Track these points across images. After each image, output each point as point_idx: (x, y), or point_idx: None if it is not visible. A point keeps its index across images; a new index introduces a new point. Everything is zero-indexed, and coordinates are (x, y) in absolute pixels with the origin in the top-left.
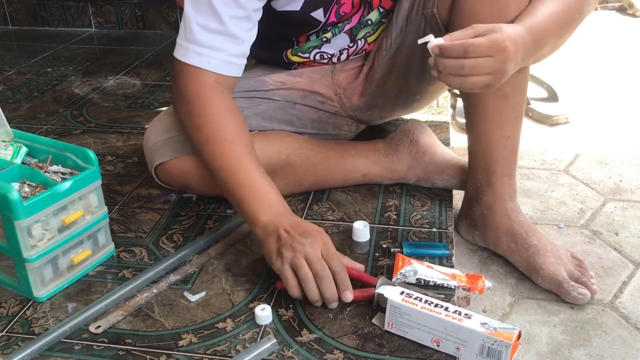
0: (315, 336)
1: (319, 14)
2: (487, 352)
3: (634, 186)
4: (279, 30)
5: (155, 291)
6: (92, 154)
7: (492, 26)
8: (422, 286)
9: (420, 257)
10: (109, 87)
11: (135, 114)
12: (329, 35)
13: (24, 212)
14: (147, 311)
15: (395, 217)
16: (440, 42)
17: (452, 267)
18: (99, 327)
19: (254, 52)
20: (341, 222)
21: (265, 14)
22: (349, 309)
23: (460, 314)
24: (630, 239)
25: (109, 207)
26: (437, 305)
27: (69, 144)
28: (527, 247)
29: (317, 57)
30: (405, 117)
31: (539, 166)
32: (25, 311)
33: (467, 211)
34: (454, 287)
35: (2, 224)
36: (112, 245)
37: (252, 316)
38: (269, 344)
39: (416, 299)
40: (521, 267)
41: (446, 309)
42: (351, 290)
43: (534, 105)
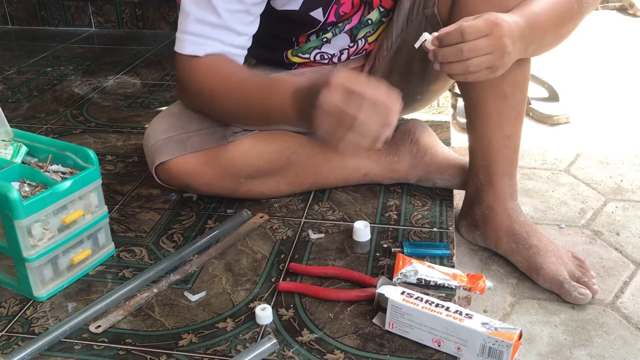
0: (315, 336)
1: (318, 14)
2: (488, 352)
3: (635, 186)
4: (279, 30)
5: (155, 291)
6: (92, 154)
7: (482, 14)
8: (422, 286)
9: (421, 257)
10: (109, 87)
11: (135, 114)
12: (329, 35)
13: (24, 212)
14: (147, 311)
15: (396, 216)
16: (435, 34)
17: (453, 267)
18: (99, 326)
19: (255, 52)
20: (342, 222)
21: (265, 13)
22: (349, 309)
23: (461, 313)
24: (631, 239)
25: (109, 207)
26: (438, 305)
27: (69, 144)
28: (528, 247)
29: (318, 57)
30: (406, 116)
31: (539, 166)
32: (25, 311)
33: (467, 211)
34: (454, 287)
35: (2, 223)
36: (112, 244)
37: (252, 316)
38: (269, 344)
39: (417, 298)
40: (522, 267)
41: (447, 308)
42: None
43: (535, 105)
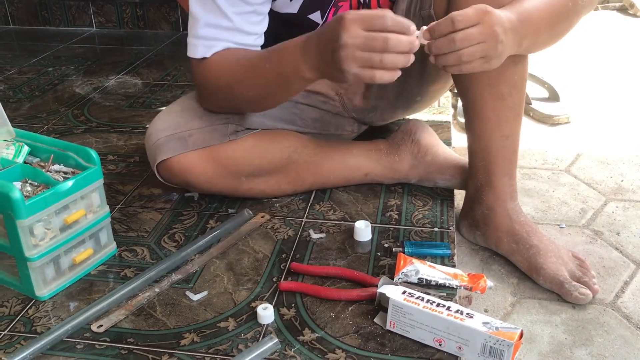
0: (317, 335)
1: (316, 17)
2: (489, 351)
3: (636, 186)
4: (279, 31)
5: (157, 290)
6: (94, 153)
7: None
8: (423, 286)
9: (422, 257)
10: (110, 87)
11: (136, 114)
12: None
13: (26, 211)
14: (149, 310)
15: (396, 216)
16: (425, 27)
17: (454, 266)
18: (101, 326)
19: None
20: (343, 222)
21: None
22: (350, 309)
23: (462, 313)
24: (631, 238)
25: (110, 207)
26: (439, 304)
27: (70, 143)
28: (528, 247)
29: None
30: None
31: (540, 166)
32: (27, 310)
33: (468, 211)
34: (455, 287)
35: (4, 223)
36: (114, 244)
37: (254, 315)
38: (270, 343)
39: (418, 298)
40: (522, 267)
41: (448, 308)
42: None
43: (535, 105)
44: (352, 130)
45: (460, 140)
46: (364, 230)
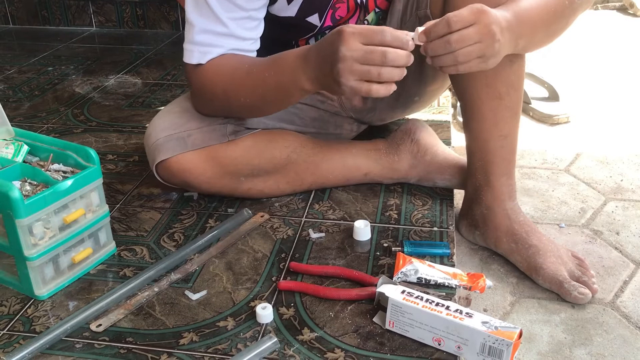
0: (316, 335)
1: (314, 19)
2: (488, 350)
3: (635, 185)
4: (278, 34)
5: (156, 290)
6: (93, 153)
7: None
8: (423, 285)
9: (421, 256)
10: (109, 86)
11: (136, 113)
12: None
13: (25, 211)
14: (148, 310)
15: (396, 216)
16: (421, 29)
17: (453, 266)
18: (100, 325)
19: (257, 53)
20: (342, 221)
21: (265, 17)
22: (350, 308)
23: (461, 312)
24: (631, 238)
25: (110, 206)
26: (438, 304)
27: (70, 143)
28: (527, 247)
29: None
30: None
31: (539, 165)
32: (26, 310)
33: (467, 211)
34: (455, 286)
35: (3, 222)
36: (113, 243)
37: (253, 315)
38: (269, 343)
39: (417, 297)
40: (522, 267)
41: (447, 307)
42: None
43: (535, 104)
44: (351, 129)
45: (459, 139)
46: (363, 229)
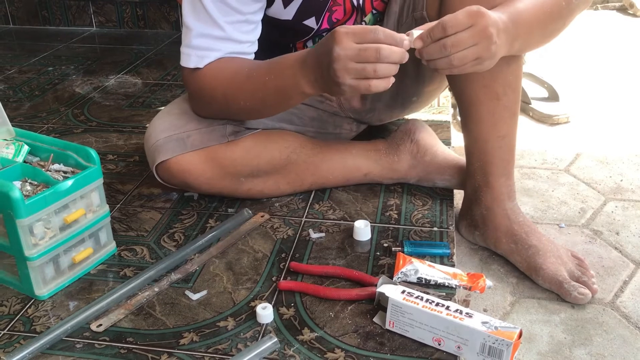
0: (316, 335)
1: (311, 22)
2: (488, 351)
3: (635, 186)
4: (275, 36)
5: (156, 290)
6: (93, 153)
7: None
8: (423, 285)
9: (421, 256)
10: (110, 86)
11: (136, 113)
12: None
13: (25, 211)
14: (148, 310)
15: (396, 216)
16: (418, 33)
17: (453, 266)
18: (101, 325)
19: (256, 56)
20: (342, 221)
21: (262, 20)
22: (350, 308)
23: (461, 312)
24: (630, 238)
25: (110, 206)
26: (438, 304)
27: (70, 143)
28: (527, 247)
29: None
30: (406, 116)
31: (539, 165)
32: (26, 309)
33: (467, 211)
34: (455, 286)
35: (3, 222)
36: (114, 243)
37: (253, 315)
38: (270, 343)
39: (417, 297)
40: (522, 267)
41: (447, 307)
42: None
43: (535, 104)
44: (350, 129)
45: (459, 139)
46: (363, 229)
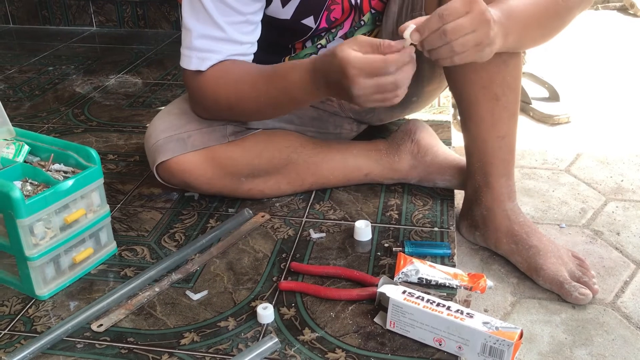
0: (317, 335)
1: (309, 21)
2: (489, 351)
3: (636, 186)
4: (274, 37)
5: (157, 290)
6: (94, 153)
7: None
8: (424, 285)
9: (422, 257)
10: (110, 86)
11: (136, 113)
12: (323, 42)
13: (26, 211)
14: (149, 310)
15: (397, 216)
16: (413, 27)
17: (454, 266)
18: (101, 325)
19: (255, 56)
20: (343, 222)
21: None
22: (350, 308)
23: (462, 313)
24: (631, 238)
25: (111, 206)
26: (439, 304)
27: (71, 143)
28: (527, 247)
29: None
30: (406, 117)
31: (540, 166)
32: (27, 310)
33: (467, 212)
34: (455, 287)
35: (4, 222)
36: (114, 243)
37: (254, 315)
38: (270, 343)
39: (418, 298)
40: (522, 268)
41: (448, 308)
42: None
43: (535, 104)
44: (351, 129)
45: (460, 139)
46: (364, 229)
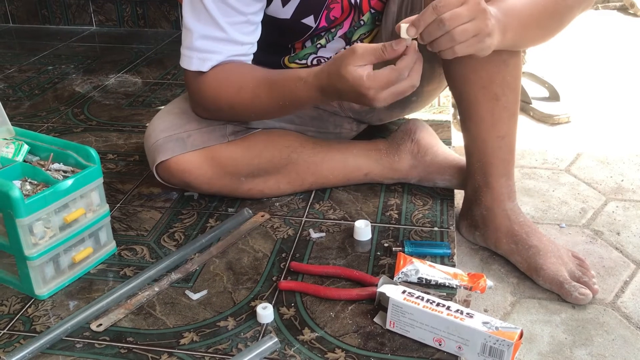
0: (316, 335)
1: (309, 21)
2: (489, 351)
3: (636, 186)
4: (274, 37)
5: (156, 289)
6: (93, 152)
7: None
8: (423, 285)
9: (421, 256)
10: (110, 85)
11: (136, 113)
12: (322, 41)
13: (25, 210)
14: (148, 309)
15: (396, 216)
16: (406, 26)
17: (454, 266)
18: (101, 325)
19: (255, 56)
20: (343, 221)
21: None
22: (350, 308)
23: (462, 313)
24: (631, 238)
25: (110, 205)
26: (439, 304)
27: (70, 142)
28: (527, 247)
29: (315, 62)
30: (406, 116)
31: (540, 165)
32: (26, 309)
33: (467, 212)
34: (455, 286)
35: (3, 221)
36: (114, 243)
37: (253, 315)
38: (270, 343)
39: (418, 298)
40: (522, 268)
41: (448, 308)
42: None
43: (536, 104)
44: (351, 128)
45: (459, 139)
46: (363, 229)
